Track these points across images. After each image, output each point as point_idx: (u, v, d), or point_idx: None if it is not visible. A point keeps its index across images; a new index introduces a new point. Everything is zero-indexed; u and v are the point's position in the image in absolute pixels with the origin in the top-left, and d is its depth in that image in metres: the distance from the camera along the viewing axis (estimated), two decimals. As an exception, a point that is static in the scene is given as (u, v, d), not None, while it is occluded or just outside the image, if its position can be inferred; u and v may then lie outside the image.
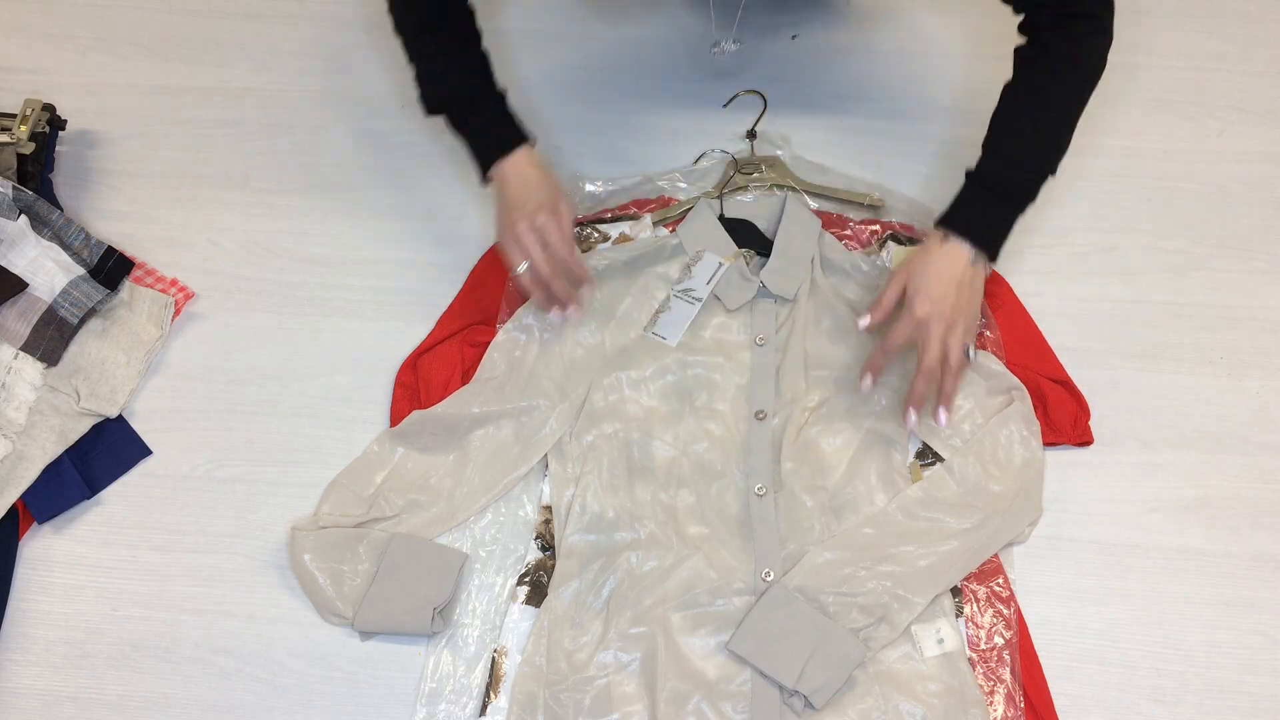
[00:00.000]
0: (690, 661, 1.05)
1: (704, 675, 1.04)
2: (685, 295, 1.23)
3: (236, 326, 1.28)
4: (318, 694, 1.08)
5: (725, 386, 1.18)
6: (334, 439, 1.21)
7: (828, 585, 1.05)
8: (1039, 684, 1.05)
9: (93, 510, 1.18)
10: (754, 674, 1.03)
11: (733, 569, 1.09)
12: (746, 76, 1.43)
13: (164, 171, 1.39)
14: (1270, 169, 1.36)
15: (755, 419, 1.16)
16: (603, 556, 1.10)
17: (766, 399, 1.17)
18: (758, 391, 1.18)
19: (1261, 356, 1.24)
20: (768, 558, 1.09)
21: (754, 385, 1.18)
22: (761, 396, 1.17)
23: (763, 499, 1.12)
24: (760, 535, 1.10)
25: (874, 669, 1.03)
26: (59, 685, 1.09)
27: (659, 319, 1.22)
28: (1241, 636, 1.09)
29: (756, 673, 1.03)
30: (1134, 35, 1.46)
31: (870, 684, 1.03)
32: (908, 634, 1.05)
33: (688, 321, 1.21)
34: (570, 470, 1.15)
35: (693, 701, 1.02)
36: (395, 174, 1.38)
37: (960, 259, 1.08)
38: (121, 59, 1.48)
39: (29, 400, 1.19)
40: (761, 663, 1.03)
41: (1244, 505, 1.16)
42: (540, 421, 1.17)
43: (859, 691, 1.02)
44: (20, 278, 1.21)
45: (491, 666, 1.07)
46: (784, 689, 1.02)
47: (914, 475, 1.14)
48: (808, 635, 1.03)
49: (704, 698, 1.03)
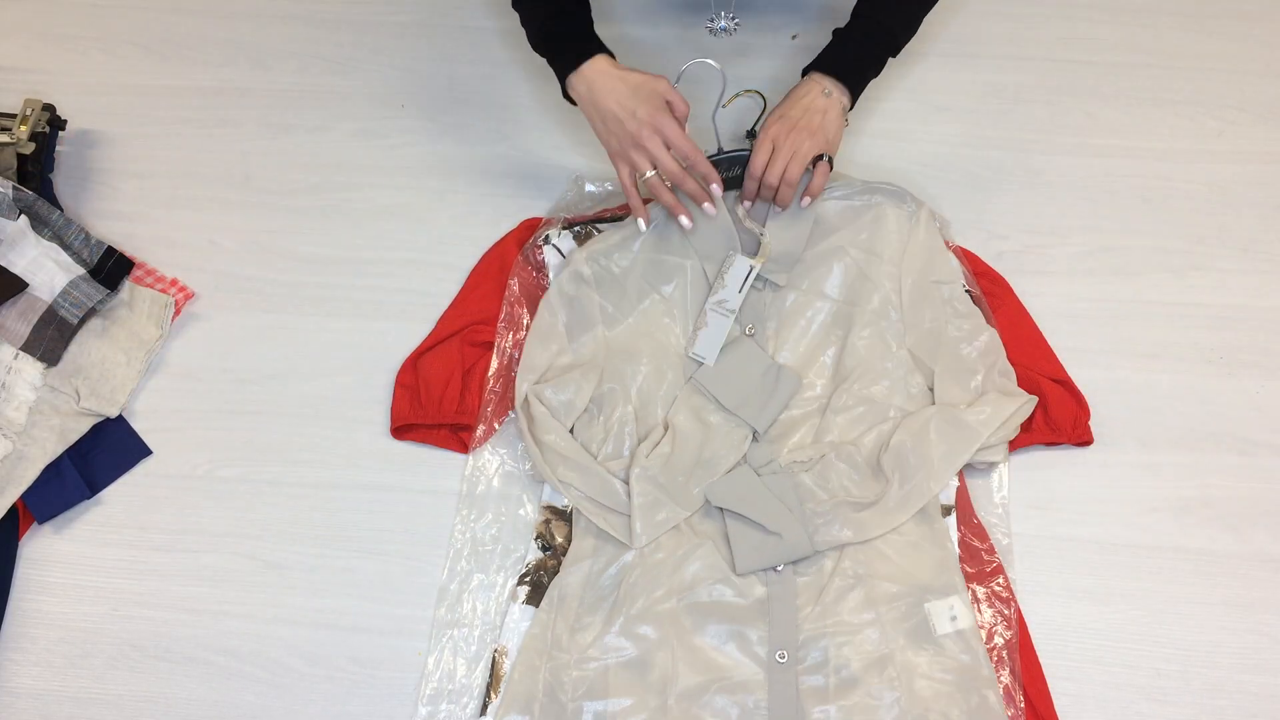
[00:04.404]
0: (704, 653, 1.05)
1: (718, 665, 1.05)
2: (719, 308, 1.20)
3: (236, 326, 1.28)
4: (318, 694, 1.08)
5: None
6: (334, 439, 1.21)
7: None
8: (1039, 684, 1.06)
9: (93, 510, 1.18)
10: (769, 660, 1.04)
11: None
12: (746, 75, 1.43)
13: (164, 171, 1.39)
14: (1270, 169, 1.36)
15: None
16: (615, 541, 1.11)
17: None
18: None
19: (1261, 356, 1.24)
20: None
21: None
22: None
23: (777, 477, 1.13)
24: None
25: (888, 647, 1.04)
26: (59, 685, 1.09)
27: (698, 337, 1.20)
28: (1241, 636, 1.09)
29: (771, 660, 1.05)
30: (1134, 35, 1.46)
31: (884, 663, 1.04)
32: (922, 613, 1.06)
33: (724, 336, 1.19)
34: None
35: (707, 695, 1.03)
36: (395, 174, 1.38)
37: (814, 88, 1.19)
38: (121, 59, 1.48)
39: (29, 400, 1.19)
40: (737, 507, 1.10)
41: (1244, 505, 1.16)
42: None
43: (874, 670, 1.03)
44: (20, 278, 1.21)
45: (492, 666, 1.08)
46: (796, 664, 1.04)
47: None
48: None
49: (720, 690, 1.03)
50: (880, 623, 1.06)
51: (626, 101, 1.12)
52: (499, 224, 1.32)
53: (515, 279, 1.25)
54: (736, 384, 1.18)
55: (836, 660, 1.05)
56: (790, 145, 1.16)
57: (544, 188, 1.35)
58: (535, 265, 1.27)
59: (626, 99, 1.12)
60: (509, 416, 1.21)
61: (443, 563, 1.14)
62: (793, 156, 1.16)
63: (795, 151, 1.16)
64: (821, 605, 1.07)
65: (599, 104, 1.14)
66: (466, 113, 1.42)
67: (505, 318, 1.23)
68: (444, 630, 1.11)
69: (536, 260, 1.27)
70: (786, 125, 1.17)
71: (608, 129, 1.14)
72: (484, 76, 1.45)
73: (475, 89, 1.43)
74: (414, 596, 1.13)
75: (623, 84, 1.13)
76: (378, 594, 1.13)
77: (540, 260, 1.26)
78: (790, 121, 1.17)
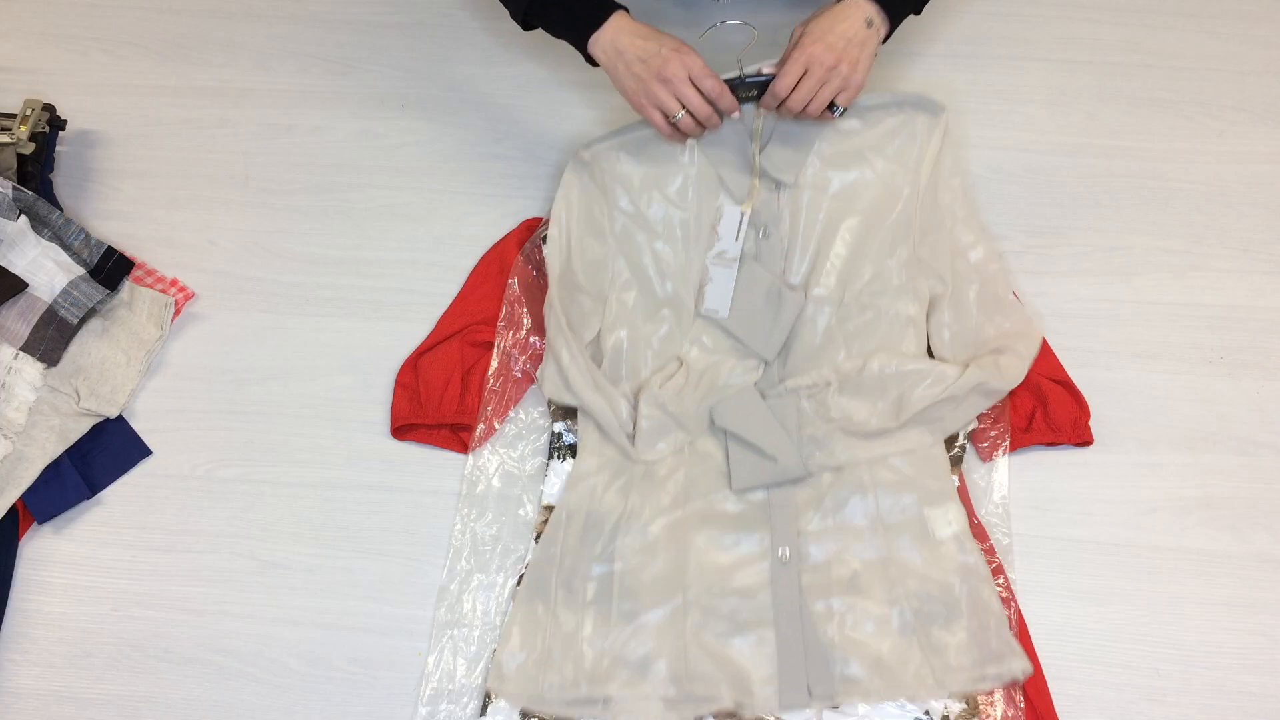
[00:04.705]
0: (710, 557, 1.10)
1: (724, 568, 1.10)
2: (720, 260, 1.21)
3: (236, 326, 1.28)
4: (318, 694, 1.09)
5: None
6: (334, 439, 1.21)
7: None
8: (1039, 684, 1.06)
9: (93, 510, 1.18)
10: (773, 560, 1.09)
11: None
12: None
13: (164, 171, 1.39)
14: (1270, 169, 1.36)
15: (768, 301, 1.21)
16: (618, 460, 1.15)
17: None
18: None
19: (1261, 356, 1.24)
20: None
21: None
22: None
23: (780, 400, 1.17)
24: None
25: (888, 548, 1.08)
26: (59, 685, 1.09)
27: (705, 294, 1.21)
28: (1241, 636, 1.09)
29: (774, 559, 1.10)
30: (1134, 35, 1.46)
31: (885, 563, 1.08)
32: (921, 519, 1.10)
33: (731, 286, 1.21)
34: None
35: (714, 596, 1.08)
36: (395, 174, 1.38)
37: (857, 17, 1.13)
38: (121, 59, 1.48)
39: (29, 400, 1.19)
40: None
41: (1244, 505, 1.16)
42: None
43: (874, 568, 1.08)
44: (20, 278, 1.21)
45: (491, 666, 1.08)
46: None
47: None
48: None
49: (726, 591, 1.08)
50: (879, 526, 1.10)
51: (649, 44, 1.14)
52: (499, 224, 1.32)
53: (515, 279, 1.25)
54: (742, 309, 1.20)
55: (837, 560, 1.09)
56: (820, 76, 1.13)
57: (544, 188, 1.35)
58: (535, 265, 1.27)
59: (650, 40, 1.14)
60: (509, 416, 1.21)
61: (443, 563, 1.14)
62: (822, 87, 1.14)
63: (825, 84, 1.14)
64: (821, 511, 1.12)
65: (624, 51, 1.15)
66: (466, 113, 1.42)
67: (505, 318, 1.24)
68: (444, 630, 1.11)
69: (536, 260, 1.27)
70: (824, 50, 1.12)
71: (631, 71, 1.15)
72: (484, 76, 1.45)
73: (475, 89, 1.43)
74: (414, 596, 1.13)
75: (645, 33, 1.15)
76: (378, 594, 1.13)
77: (540, 260, 1.26)
78: (828, 48, 1.13)
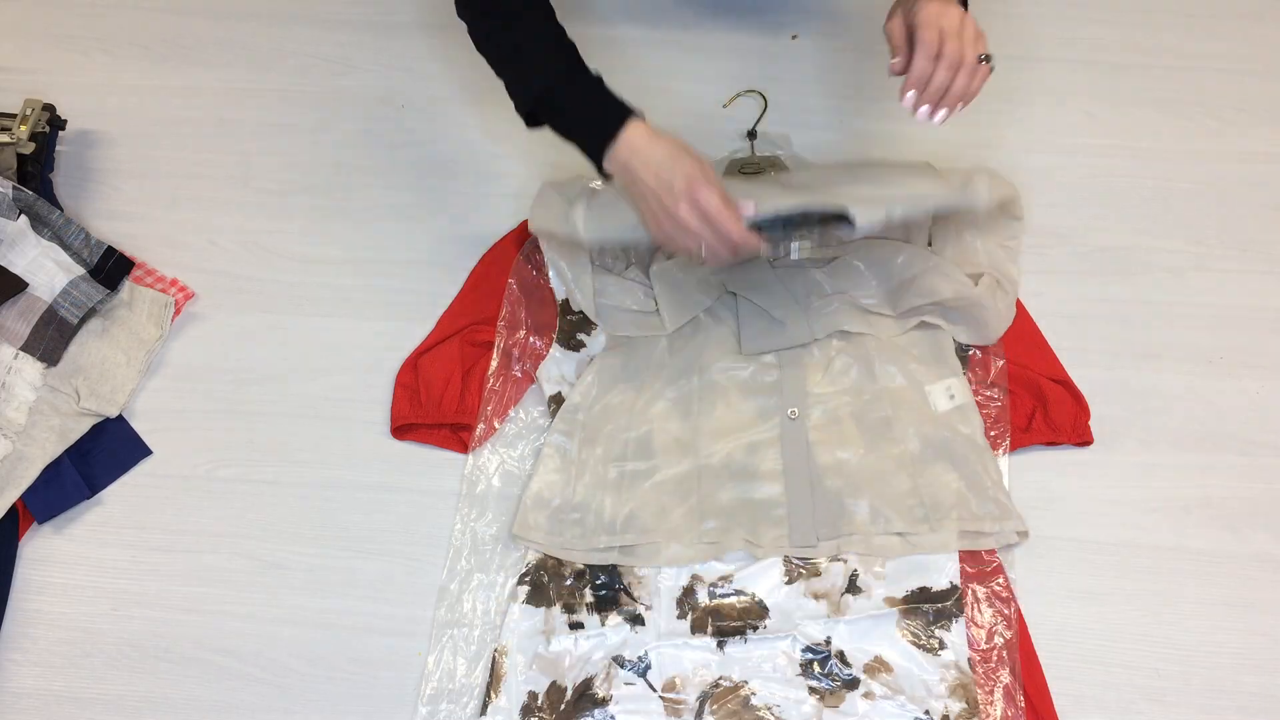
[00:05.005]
0: (724, 418, 1.16)
1: (738, 427, 1.15)
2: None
3: (236, 326, 1.28)
4: (318, 694, 1.09)
5: None
6: (334, 439, 1.21)
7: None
8: (1039, 684, 1.06)
9: (93, 510, 1.18)
10: (782, 417, 1.15)
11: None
12: (746, 76, 1.43)
13: (164, 171, 1.39)
14: (1270, 169, 1.36)
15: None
16: (637, 349, 1.21)
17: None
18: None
19: (1261, 356, 1.24)
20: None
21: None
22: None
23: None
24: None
25: (892, 410, 1.15)
26: (59, 685, 1.09)
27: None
28: (1241, 636, 1.09)
29: (783, 416, 1.16)
30: (1134, 35, 1.46)
31: (888, 423, 1.14)
32: (922, 392, 1.16)
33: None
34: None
35: (729, 454, 1.13)
36: (395, 174, 1.38)
37: (957, 8, 1.05)
38: (121, 59, 1.48)
39: (29, 400, 1.19)
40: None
41: (1244, 505, 1.16)
42: None
43: (878, 427, 1.14)
44: (20, 278, 1.21)
45: (492, 666, 1.08)
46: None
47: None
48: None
49: (740, 450, 1.14)
50: (882, 392, 1.16)
51: (662, 174, 1.03)
52: (499, 224, 1.32)
53: (515, 279, 1.25)
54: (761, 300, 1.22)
55: (843, 418, 1.15)
56: (967, 33, 1.03)
57: (544, 188, 1.35)
58: (535, 265, 1.27)
59: (664, 168, 1.03)
60: (509, 416, 1.21)
61: (443, 563, 1.14)
62: (967, 42, 1.03)
63: (968, 37, 1.03)
64: (829, 374, 1.18)
65: (638, 180, 1.04)
66: (466, 113, 1.42)
67: (505, 318, 1.24)
68: (444, 630, 1.11)
69: (536, 260, 1.27)
70: (958, 34, 1.02)
71: (647, 205, 1.05)
72: (484, 77, 1.44)
73: (475, 90, 1.43)
74: (414, 596, 1.13)
75: (660, 156, 1.03)
76: (378, 594, 1.13)
77: (540, 260, 1.26)
78: (962, 27, 1.03)
